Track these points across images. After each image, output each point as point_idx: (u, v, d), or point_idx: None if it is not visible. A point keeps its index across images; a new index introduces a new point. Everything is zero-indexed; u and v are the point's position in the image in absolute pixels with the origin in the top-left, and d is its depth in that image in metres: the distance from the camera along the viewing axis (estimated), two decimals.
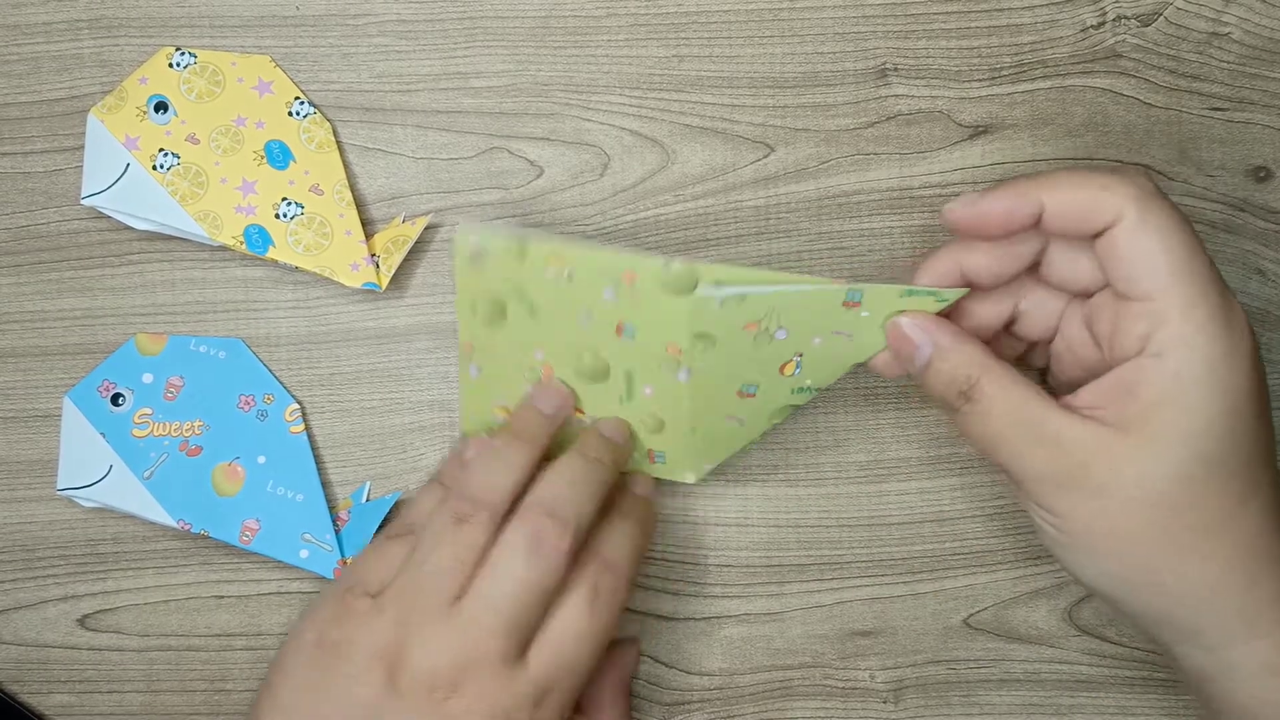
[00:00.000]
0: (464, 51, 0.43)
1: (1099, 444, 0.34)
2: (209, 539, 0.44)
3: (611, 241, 0.44)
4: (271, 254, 0.42)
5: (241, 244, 0.42)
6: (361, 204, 0.43)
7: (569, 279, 0.39)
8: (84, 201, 0.42)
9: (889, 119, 0.44)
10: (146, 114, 0.43)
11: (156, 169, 0.42)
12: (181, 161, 0.42)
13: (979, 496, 0.44)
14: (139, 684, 0.44)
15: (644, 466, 0.42)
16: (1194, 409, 0.33)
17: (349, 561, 0.43)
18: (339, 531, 0.43)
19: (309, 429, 0.44)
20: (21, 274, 0.44)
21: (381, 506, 0.43)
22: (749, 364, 0.39)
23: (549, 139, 0.44)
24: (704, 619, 0.44)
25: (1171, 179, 0.44)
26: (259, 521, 0.43)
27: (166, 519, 0.43)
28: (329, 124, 0.43)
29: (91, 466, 0.43)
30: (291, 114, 0.43)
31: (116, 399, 0.43)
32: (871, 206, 0.44)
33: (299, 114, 0.43)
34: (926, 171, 0.44)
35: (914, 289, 0.37)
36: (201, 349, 0.44)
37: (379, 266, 0.43)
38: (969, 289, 0.37)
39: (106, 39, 0.43)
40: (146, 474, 0.43)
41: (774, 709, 0.44)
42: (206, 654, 0.44)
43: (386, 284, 0.42)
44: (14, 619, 0.44)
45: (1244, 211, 0.44)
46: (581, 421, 0.41)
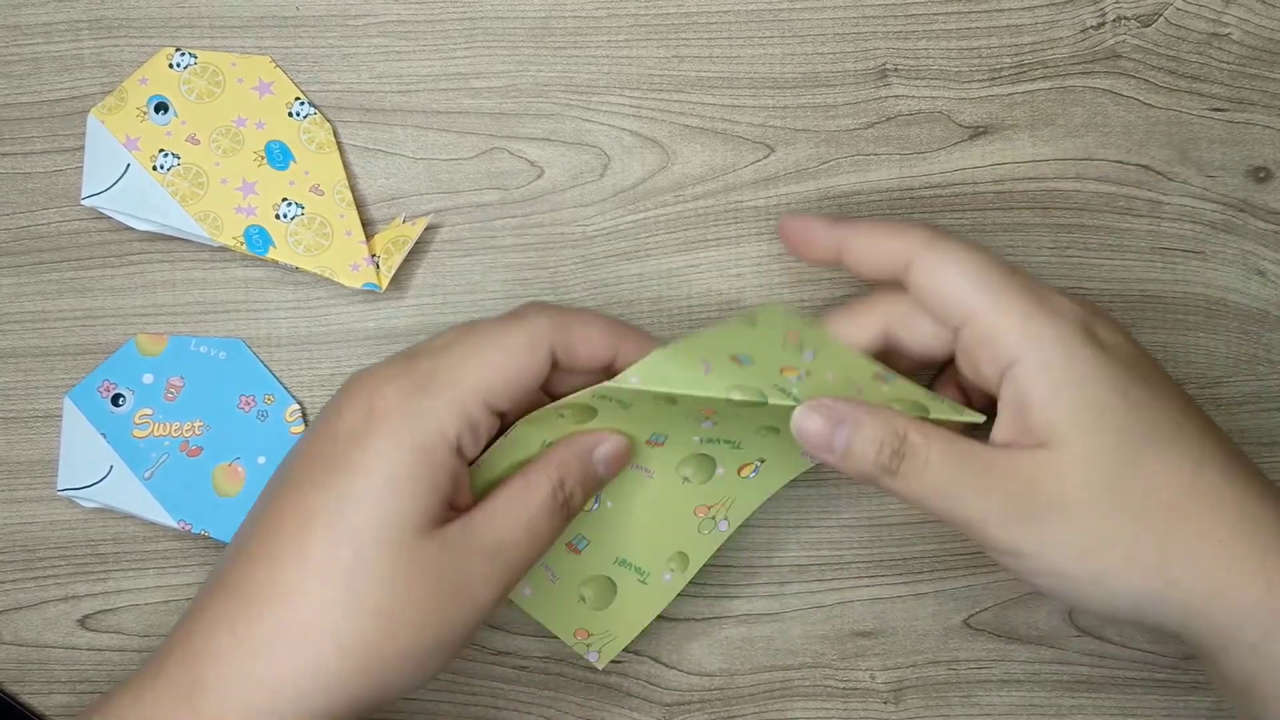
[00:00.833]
0: (464, 52, 0.43)
1: (1032, 464, 0.34)
2: (209, 539, 0.44)
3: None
4: (271, 254, 0.42)
5: (242, 244, 0.42)
6: (361, 204, 0.43)
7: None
8: (84, 202, 0.42)
9: (889, 119, 0.44)
10: (146, 114, 0.43)
11: (157, 169, 0.42)
12: (182, 162, 0.42)
13: None
14: None
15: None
16: (1080, 395, 0.34)
17: None
18: None
19: None
20: (22, 274, 0.44)
21: None
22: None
23: (549, 139, 0.44)
24: (704, 619, 0.44)
25: (1171, 179, 0.44)
26: None
27: (167, 519, 0.43)
28: (329, 124, 0.43)
29: (92, 467, 0.43)
30: (291, 114, 0.43)
31: (117, 399, 0.43)
32: (871, 207, 0.44)
33: (299, 114, 0.43)
34: (926, 172, 0.44)
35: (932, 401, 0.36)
36: (202, 349, 0.44)
37: (379, 267, 0.43)
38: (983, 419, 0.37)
39: (106, 39, 0.43)
40: (147, 474, 0.43)
41: (774, 709, 0.44)
42: None
43: (387, 284, 0.42)
44: (14, 619, 0.44)
45: (1244, 212, 0.44)
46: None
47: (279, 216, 0.42)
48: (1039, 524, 0.34)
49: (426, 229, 0.43)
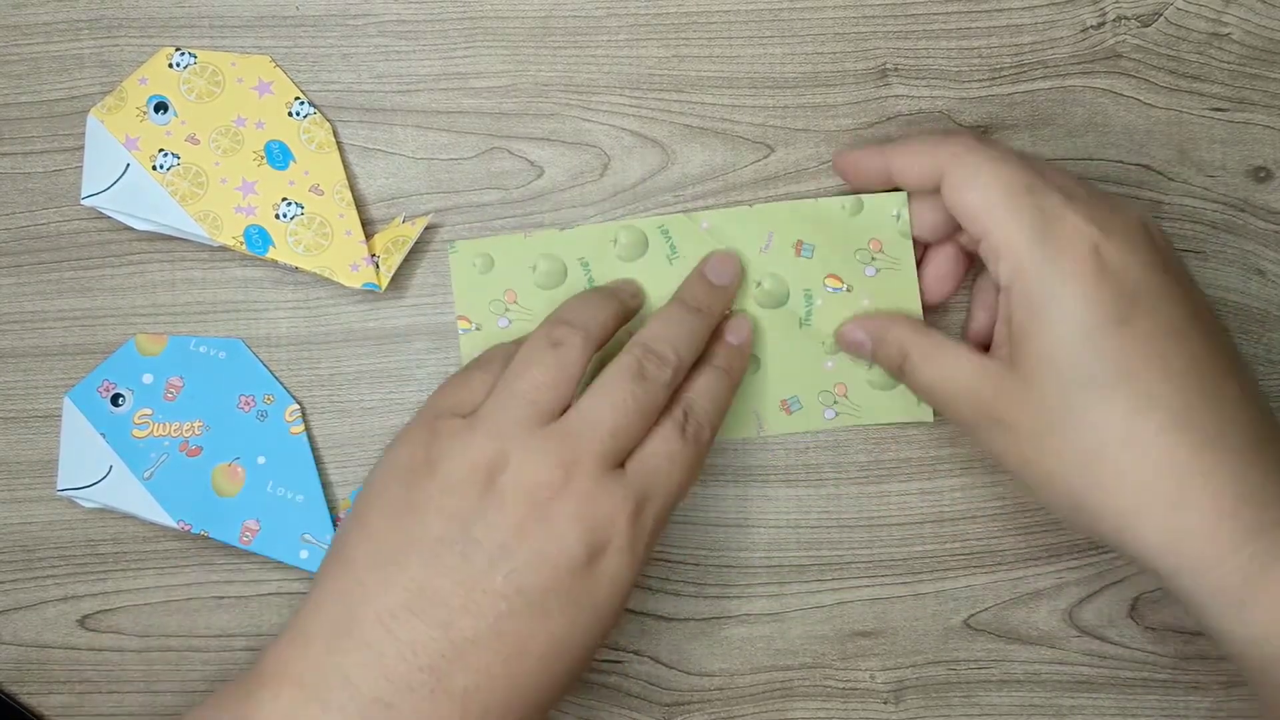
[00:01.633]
0: (464, 51, 0.43)
1: (995, 383, 0.37)
2: (209, 539, 0.44)
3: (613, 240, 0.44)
4: (271, 254, 0.42)
5: (241, 244, 0.42)
6: (361, 204, 0.43)
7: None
8: (84, 201, 0.42)
9: (889, 119, 0.44)
10: (146, 114, 0.43)
11: (156, 169, 0.42)
12: (181, 162, 0.42)
13: (979, 497, 0.44)
14: (139, 684, 0.44)
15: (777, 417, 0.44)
16: (1052, 330, 0.36)
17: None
18: None
19: (309, 429, 0.44)
20: (21, 274, 0.44)
21: None
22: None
23: (549, 139, 0.44)
24: (704, 619, 0.44)
25: (1171, 179, 0.44)
26: (259, 522, 0.43)
27: (167, 519, 0.43)
28: (329, 124, 0.43)
29: (92, 467, 0.43)
30: (291, 114, 0.43)
31: (116, 399, 0.43)
32: None
33: (299, 114, 0.43)
34: None
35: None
36: (201, 349, 0.44)
37: (379, 267, 0.43)
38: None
39: (106, 39, 0.43)
40: (146, 474, 0.43)
41: (774, 709, 0.44)
42: (206, 654, 0.44)
43: (386, 284, 0.42)
44: (14, 619, 0.44)
45: (1244, 211, 0.44)
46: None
47: (279, 216, 0.42)
48: (1002, 435, 0.38)
49: (426, 229, 0.43)
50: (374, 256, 0.43)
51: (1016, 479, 0.38)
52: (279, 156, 0.43)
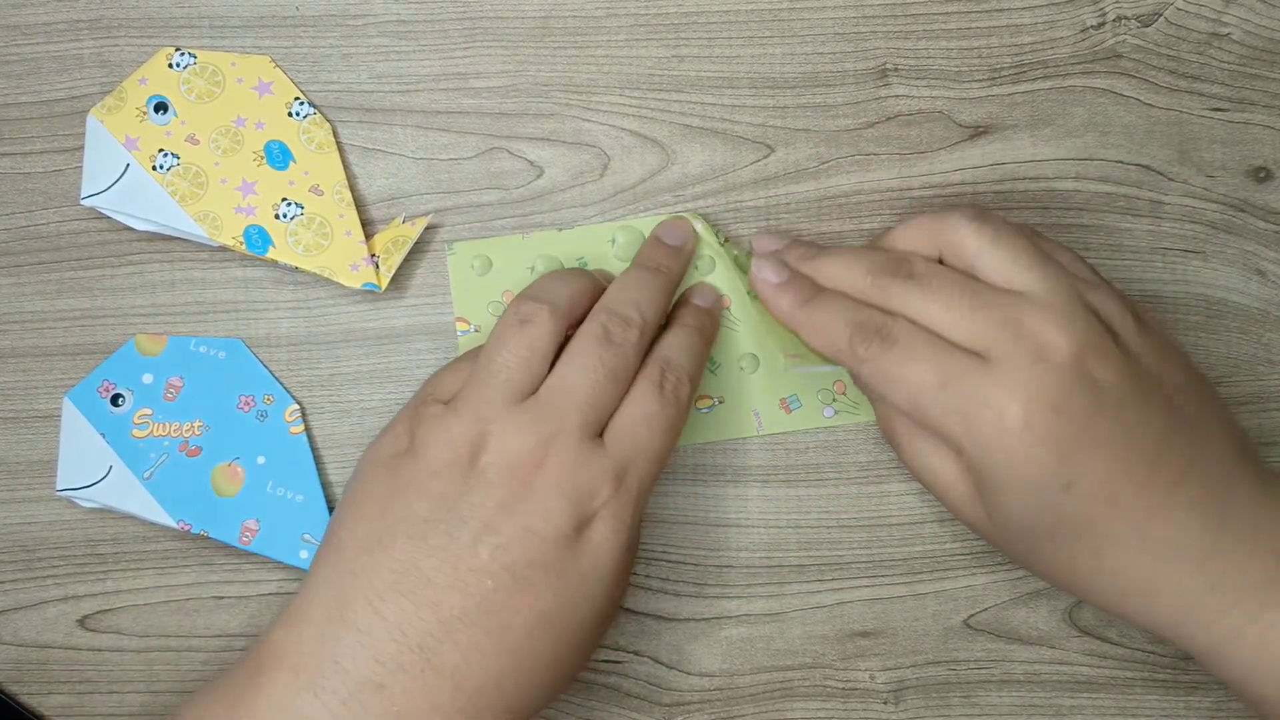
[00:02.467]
0: (464, 51, 0.43)
1: (972, 509, 0.38)
2: (209, 539, 0.43)
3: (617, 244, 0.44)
4: (271, 254, 0.42)
5: (241, 244, 0.42)
6: (361, 204, 0.43)
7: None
8: (84, 202, 0.42)
9: (889, 119, 0.44)
10: (146, 114, 0.43)
11: (156, 169, 0.42)
12: (181, 162, 0.42)
13: None
14: (139, 684, 0.44)
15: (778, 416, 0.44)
16: (1003, 498, 0.37)
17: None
18: None
19: (309, 429, 0.44)
20: (21, 274, 0.44)
21: None
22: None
23: (549, 139, 0.44)
24: (704, 619, 0.44)
25: (1171, 179, 0.44)
26: (259, 522, 0.43)
27: (166, 519, 0.43)
28: (329, 124, 0.43)
29: (91, 467, 0.43)
30: (291, 114, 0.43)
31: (116, 399, 0.43)
32: (871, 207, 0.44)
33: (299, 114, 0.43)
34: (926, 172, 0.44)
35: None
36: (201, 349, 0.44)
37: (379, 267, 0.43)
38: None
39: (106, 39, 0.43)
40: (146, 474, 0.43)
41: (774, 710, 0.44)
42: (206, 654, 0.44)
43: (386, 284, 0.42)
44: (14, 619, 0.44)
45: (1244, 212, 0.44)
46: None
47: (278, 216, 0.42)
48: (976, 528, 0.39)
49: (426, 229, 0.43)
50: (374, 256, 0.43)
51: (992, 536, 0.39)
52: (279, 156, 0.43)
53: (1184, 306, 0.44)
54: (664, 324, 0.41)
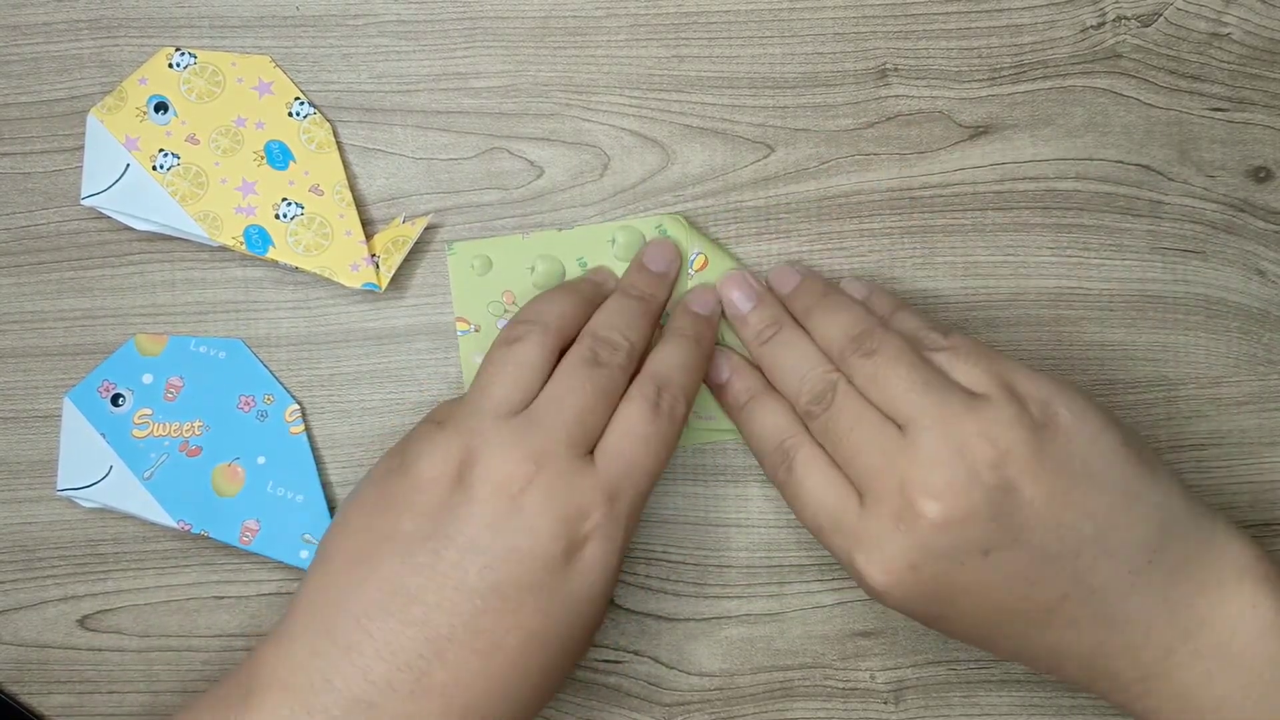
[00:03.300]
0: (464, 51, 0.43)
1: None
2: (209, 539, 0.43)
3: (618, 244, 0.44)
4: (271, 254, 0.42)
5: (241, 244, 0.42)
6: (361, 204, 0.43)
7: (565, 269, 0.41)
8: (84, 202, 0.42)
9: (889, 119, 0.44)
10: (146, 114, 0.43)
11: (156, 169, 0.42)
12: (181, 162, 0.42)
13: None
14: (139, 684, 0.44)
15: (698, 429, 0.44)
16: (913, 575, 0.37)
17: None
18: None
19: (309, 429, 0.44)
20: (21, 274, 0.44)
21: None
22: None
23: (549, 139, 0.44)
24: (704, 619, 0.44)
25: (1171, 179, 0.44)
26: (259, 522, 0.43)
27: (166, 519, 0.43)
28: (329, 124, 0.43)
29: (91, 467, 0.43)
30: (291, 114, 0.43)
31: (116, 399, 0.43)
32: (871, 207, 0.44)
33: (299, 114, 0.43)
34: (926, 172, 0.44)
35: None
36: (201, 349, 0.44)
37: (379, 267, 0.43)
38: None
39: (106, 39, 0.43)
40: (146, 474, 0.43)
41: (774, 709, 0.44)
42: (206, 654, 0.44)
43: (386, 284, 0.42)
44: (14, 619, 0.44)
45: (1244, 212, 0.44)
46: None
47: (279, 216, 0.42)
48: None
49: (426, 229, 0.43)
50: (374, 256, 0.43)
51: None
52: (279, 156, 0.43)
53: (1184, 306, 0.44)
54: (663, 321, 0.42)
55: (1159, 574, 0.36)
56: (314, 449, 0.44)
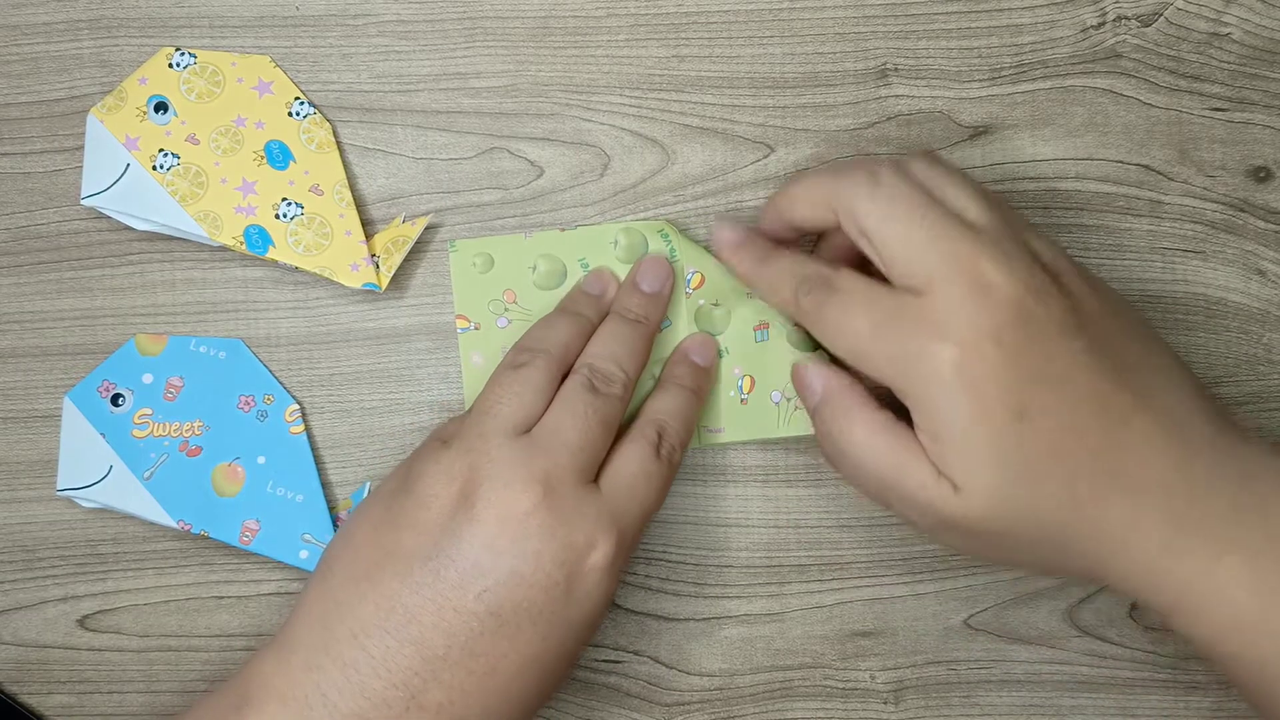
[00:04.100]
0: (464, 51, 0.43)
1: (920, 471, 0.35)
2: (209, 539, 0.43)
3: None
4: (271, 254, 0.42)
5: (241, 244, 0.42)
6: (361, 204, 0.43)
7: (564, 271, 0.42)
8: (84, 201, 0.42)
9: (889, 119, 0.44)
10: (146, 114, 0.43)
11: (156, 169, 0.42)
12: (181, 162, 0.42)
13: None
14: (139, 684, 0.44)
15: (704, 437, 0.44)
16: (956, 446, 0.35)
17: None
18: None
19: (309, 429, 0.44)
20: (21, 274, 0.44)
21: None
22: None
23: (549, 139, 0.44)
24: (704, 619, 0.44)
25: (1171, 179, 0.44)
26: (259, 522, 0.43)
27: (166, 519, 0.43)
28: (329, 124, 0.43)
29: (91, 467, 0.43)
30: (291, 114, 0.43)
31: (116, 399, 0.43)
32: None
33: (299, 114, 0.43)
34: None
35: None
36: (201, 349, 0.44)
37: (379, 267, 0.43)
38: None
39: (106, 39, 0.43)
40: (146, 474, 0.43)
41: (774, 709, 0.44)
42: (206, 654, 0.44)
43: (386, 284, 0.42)
44: (14, 619, 0.44)
45: (1244, 212, 0.44)
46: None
47: (279, 216, 0.42)
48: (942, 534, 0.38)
49: (426, 229, 0.43)
50: (374, 256, 0.43)
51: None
52: (279, 156, 0.43)
53: (1184, 306, 0.44)
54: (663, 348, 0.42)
55: (1208, 417, 0.36)
56: (314, 449, 0.44)
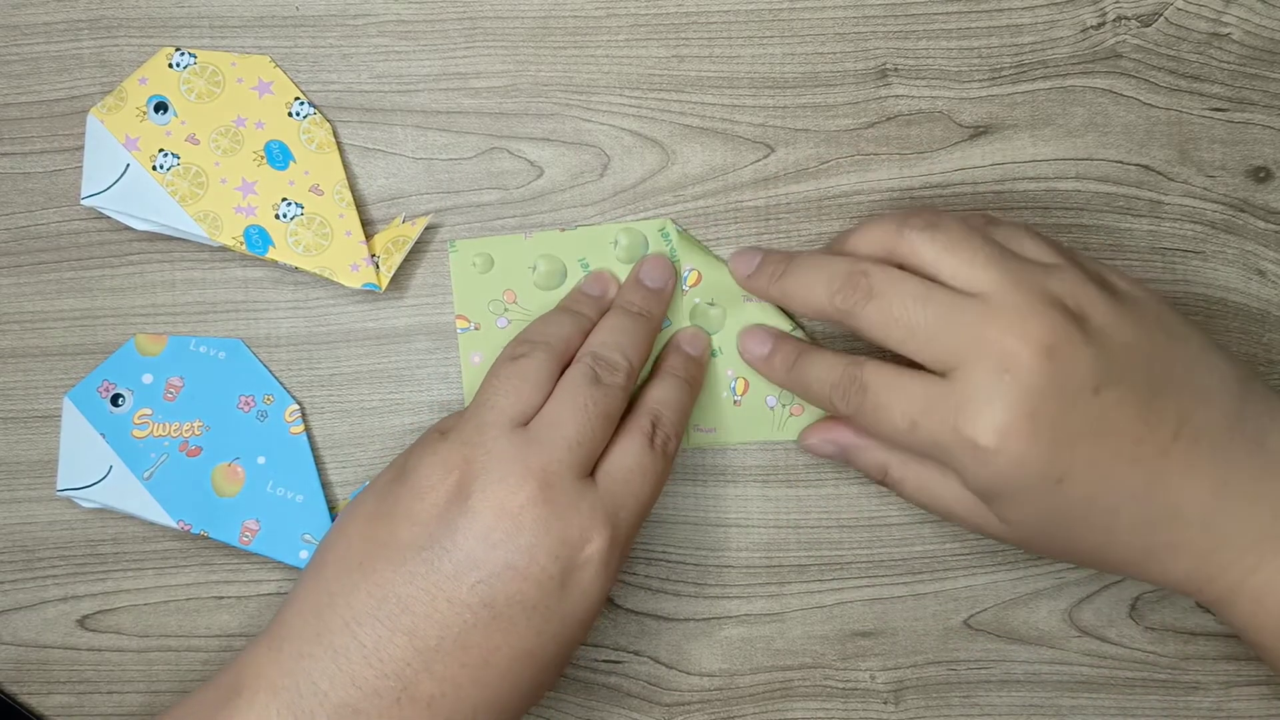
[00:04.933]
0: (464, 51, 0.43)
1: (974, 504, 0.38)
2: (209, 539, 0.43)
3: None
4: (271, 254, 0.42)
5: (241, 244, 0.42)
6: (361, 204, 0.43)
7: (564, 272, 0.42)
8: (84, 202, 0.42)
9: (889, 119, 0.44)
10: (146, 114, 0.43)
11: (156, 169, 0.42)
12: (181, 162, 0.42)
13: None
14: (139, 684, 0.44)
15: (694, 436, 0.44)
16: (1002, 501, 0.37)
17: None
18: None
19: (309, 429, 0.44)
20: (21, 274, 0.44)
21: None
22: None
23: (549, 139, 0.44)
24: (704, 619, 0.44)
25: (1171, 179, 0.44)
26: (259, 522, 0.43)
27: (166, 519, 0.43)
28: (329, 124, 0.43)
29: (91, 467, 0.43)
30: (291, 114, 0.43)
31: (116, 399, 0.43)
32: (871, 206, 0.44)
33: (299, 114, 0.43)
34: (926, 172, 0.44)
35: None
36: (201, 349, 0.44)
37: (379, 267, 0.43)
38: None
39: (106, 39, 0.43)
40: (146, 474, 0.43)
41: (774, 709, 0.44)
42: (206, 654, 0.44)
43: (386, 284, 0.42)
44: (14, 619, 0.44)
45: (1244, 212, 0.44)
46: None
47: (279, 216, 0.42)
48: (1002, 502, 0.38)
49: (426, 229, 0.43)
50: (374, 256, 0.43)
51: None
52: (279, 156, 0.43)
53: (1184, 306, 0.44)
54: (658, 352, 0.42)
55: (1251, 424, 0.36)
56: (314, 449, 0.44)
